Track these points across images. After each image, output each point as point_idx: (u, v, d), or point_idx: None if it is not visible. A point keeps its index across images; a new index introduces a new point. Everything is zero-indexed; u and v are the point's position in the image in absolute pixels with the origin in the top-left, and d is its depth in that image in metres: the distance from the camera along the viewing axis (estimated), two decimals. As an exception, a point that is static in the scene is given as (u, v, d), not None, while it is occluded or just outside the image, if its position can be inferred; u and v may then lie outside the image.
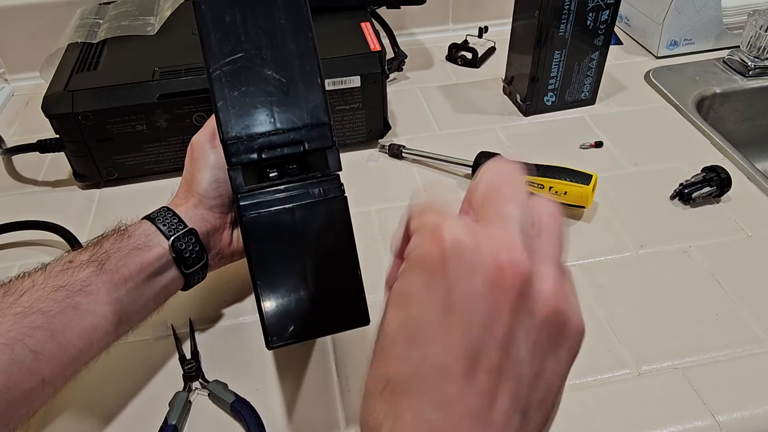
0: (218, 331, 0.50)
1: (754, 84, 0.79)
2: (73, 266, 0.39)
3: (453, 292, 0.21)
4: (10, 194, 0.66)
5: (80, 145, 0.62)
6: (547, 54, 0.69)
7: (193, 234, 0.44)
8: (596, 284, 0.53)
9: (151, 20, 0.73)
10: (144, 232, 0.43)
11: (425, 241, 0.22)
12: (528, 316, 0.22)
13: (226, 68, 0.36)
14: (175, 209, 0.45)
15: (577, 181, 0.57)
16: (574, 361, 0.24)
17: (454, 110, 0.76)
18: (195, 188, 0.45)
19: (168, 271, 0.43)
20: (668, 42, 0.83)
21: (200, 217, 0.45)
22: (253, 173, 0.37)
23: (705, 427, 0.42)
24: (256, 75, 0.37)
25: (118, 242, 0.42)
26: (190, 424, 0.44)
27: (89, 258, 0.40)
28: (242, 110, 0.36)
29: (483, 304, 0.21)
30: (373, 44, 0.66)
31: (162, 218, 0.44)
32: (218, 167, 0.44)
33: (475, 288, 0.21)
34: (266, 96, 0.36)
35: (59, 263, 0.40)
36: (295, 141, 0.36)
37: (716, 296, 0.51)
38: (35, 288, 0.37)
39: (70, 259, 0.40)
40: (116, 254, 0.41)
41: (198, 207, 0.45)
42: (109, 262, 0.40)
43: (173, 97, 0.61)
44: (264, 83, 0.37)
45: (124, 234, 0.42)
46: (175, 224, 0.43)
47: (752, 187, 0.62)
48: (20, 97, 0.83)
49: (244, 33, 0.37)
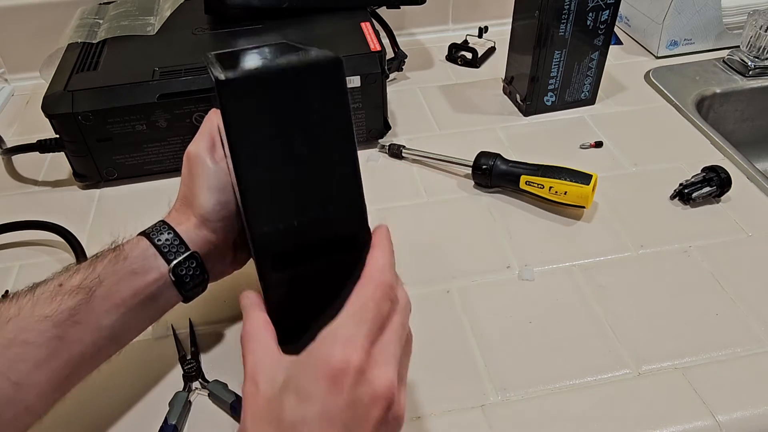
0: (218, 331, 0.50)
1: (754, 84, 0.79)
2: (62, 292, 0.37)
3: (345, 406, 0.29)
4: (10, 194, 0.66)
5: (80, 145, 0.62)
6: (547, 54, 0.69)
7: (195, 258, 0.42)
8: (596, 284, 0.53)
9: (151, 20, 0.73)
10: (141, 255, 0.40)
11: (351, 353, 0.29)
12: (386, 428, 0.30)
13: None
14: (176, 227, 0.42)
15: (577, 181, 0.57)
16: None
17: (454, 110, 0.76)
18: (197, 209, 0.42)
19: (165, 292, 0.41)
20: (668, 42, 0.83)
21: (203, 239, 0.42)
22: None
23: (705, 427, 0.42)
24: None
25: (112, 265, 0.39)
26: (190, 424, 0.44)
27: (79, 284, 0.38)
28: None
29: (360, 419, 0.29)
30: (373, 44, 0.66)
31: (162, 238, 0.41)
32: (221, 188, 0.42)
33: (359, 406, 0.29)
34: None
35: (48, 287, 0.38)
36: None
37: (716, 296, 0.51)
38: (21, 317, 0.36)
39: (60, 282, 0.38)
40: (110, 278, 0.39)
41: (200, 228, 0.42)
42: (101, 288, 0.38)
43: (173, 97, 0.61)
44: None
45: (120, 255, 0.40)
46: (176, 246, 0.41)
47: (752, 187, 0.63)
48: (20, 97, 0.83)
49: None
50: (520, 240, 0.57)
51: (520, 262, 0.55)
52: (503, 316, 0.50)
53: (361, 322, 0.30)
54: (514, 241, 0.57)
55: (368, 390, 0.29)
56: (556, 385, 0.45)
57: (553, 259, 0.55)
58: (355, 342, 0.29)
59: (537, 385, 0.45)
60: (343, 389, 0.28)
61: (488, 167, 0.61)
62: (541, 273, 0.54)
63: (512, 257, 0.56)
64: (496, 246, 0.57)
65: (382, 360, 0.30)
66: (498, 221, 0.60)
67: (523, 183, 0.60)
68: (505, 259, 0.55)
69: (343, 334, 0.30)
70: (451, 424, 0.43)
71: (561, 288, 0.53)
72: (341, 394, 0.28)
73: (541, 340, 0.48)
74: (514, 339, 0.48)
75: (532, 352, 0.47)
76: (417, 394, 0.45)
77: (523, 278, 0.54)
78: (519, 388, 0.45)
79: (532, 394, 0.45)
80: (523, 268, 0.54)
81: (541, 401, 0.44)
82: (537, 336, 0.49)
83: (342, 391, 0.28)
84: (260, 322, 0.35)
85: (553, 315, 0.50)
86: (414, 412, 0.44)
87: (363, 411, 0.29)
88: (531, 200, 0.61)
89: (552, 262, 0.55)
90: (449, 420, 0.43)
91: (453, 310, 0.51)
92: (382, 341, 0.31)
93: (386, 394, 0.29)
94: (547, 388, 0.45)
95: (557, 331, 0.49)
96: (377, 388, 0.29)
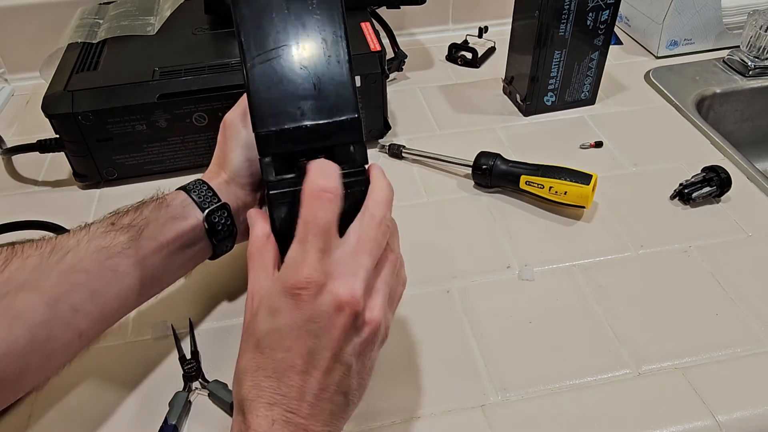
0: (218, 331, 0.50)
1: (754, 84, 0.79)
2: (115, 229, 0.41)
3: (309, 316, 0.32)
4: (10, 194, 0.66)
5: (80, 145, 0.62)
6: (547, 54, 0.69)
7: (226, 208, 0.46)
8: (596, 284, 0.53)
9: (151, 20, 0.73)
10: (180, 203, 0.44)
11: (303, 270, 0.32)
12: (356, 334, 0.33)
13: (261, 61, 0.37)
14: (209, 182, 0.46)
15: (577, 181, 0.57)
16: (382, 346, 0.36)
17: (454, 110, 0.76)
18: (227, 166, 0.47)
19: (200, 241, 0.45)
20: (668, 42, 0.83)
21: (232, 194, 0.46)
22: (283, 162, 0.38)
23: (705, 427, 0.42)
24: (289, 69, 0.37)
25: (156, 210, 0.43)
26: (190, 424, 0.44)
27: (130, 222, 0.42)
28: (275, 104, 0.37)
29: (326, 327, 0.32)
30: (373, 44, 0.66)
31: (197, 191, 0.45)
32: (250, 147, 0.45)
33: (322, 316, 0.32)
34: (299, 90, 0.37)
35: (102, 224, 0.41)
36: (324, 134, 0.37)
37: (716, 296, 0.51)
38: (79, 247, 0.39)
39: (112, 221, 0.42)
40: (155, 222, 0.43)
41: (230, 184, 0.47)
42: (148, 229, 0.42)
43: (173, 97, 0.61)
44: (297, 77, 0.37)
45: (162, 203, 0.44)
46: (210, 197, 0.45)
47: (752, 187, 0.63)
48: (20, 97, 0.83)
49: (281, 26, 0.37)
50: (520, 240, 0.57)
51: (520, 262, 0.55)
52: (503, 316, 0.50)
53: (310, 240, 0.33)
54: (514, 241, 0.57)
55: (328, 299, 0.32)
56: (556, 385, 0.45)
57: (553, 259, 0.55)
58: (312, 261, 0.32)
59: (537, 385, 0.45)
60: (305, 300, 0.32)
61: (488, 167, 0.61)
62: (541, 273, 0.54)
63: (512, 257, 0.56)
64: (496, 246, 0.57)
65: (345, 272, 0.33)
66: (498, 221, 0.60)
67: (523, 183, 0.60)
68: (505, 259, 0.55)
69: (296, 252, 0.33)
70: (451, 424, 0.43)
71: (561, 288, 0.53)
72: (305, 304, 0.32)
73: (541, 340, 0.48)
74: (514, 339, 0.48)
75: (532, 352, 0.47)
76: (417, 394, 0.45)
77: (523, 278, 0.54)
78: (519, 388, 0.45)
79: (532, 394, 0.45)
80: (523, 268, 0.54)
81: (541, 401, 0.44)
82: (537, 336, 0.49)
83: (304, 302, 0.32)
84: (263, 236, 0.37)
85: (553, 315, 0.50)
86: (414, 412, 0.44)
87: (327, 319, 0.32)
88: (531, 200, 0.61)
89: (552, 262, 0.55)
90: (449, 420, 0.43)
91: (453, 310, 0.51)
92: (346, 257, 0.34)
93: (349, 302, 0.32)
94: (547, 388, 0.45)
95: (557, 331, 0.49)
96: (338, 296, 0.32)
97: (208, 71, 0.62)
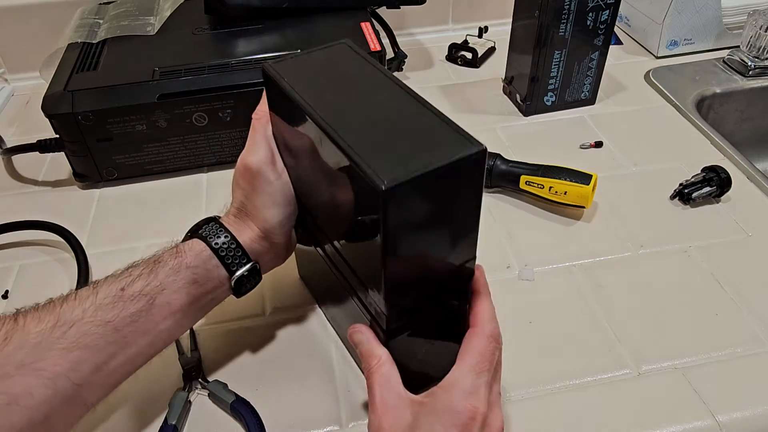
0: (218, 331, 0.50)
1: (754, 84, 0.79)
2: (124, 298, 0.38)
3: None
4: (10, 194, 0.66)
5: (80, 145, 0.62)
6: (547, 54, 0.69)
7: (256, 269, 0.43)
8: (596, 284, 0.53)
9: (151, 20, 0.73)
10: (203, 264, 0.41)
11: (476, 401, 0.34)
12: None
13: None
14: (237, 237, 0.42)
15: (577, 181, 0.57)
16: None
17: (454, 110, 0.76)
18: (262, 223, 0.43)
19: (220, 295, 0.43)
20: (668, 42, 0.83)
21: (265, 249, 0.44)
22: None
23: (705, 427, 0.42)
24: None
25: (173, 273, 0.40)
26: (190, 424, 0.44)
27: (141, 290, 0.39)
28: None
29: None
30: (373, 44, 0.66)
31: (219, 242, 0.42)
32: (287, 203, 0.42)
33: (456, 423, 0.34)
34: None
35: (111, 288, 0.39)
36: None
37: (716, 296, 0.51)
38: (84, 320, 0.37)
39: (122, 286, 0.39)
40: (170, 287, 0.40)
41: (263, 240, 0.43)
42: (162, 296, 0.39)
43: (173, 97, 0.61)
44: None
45: (182, 263, 0.41)
46: (238, 257, 0.42)
47: (752, 187, 0.63)
48: (20, 97, 0.83)
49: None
50: (520, 240, 0.57)
51: (520, 262, 0.55)
52: (503, 316, 0.50)
53: (481, 372, 0.35)
54: (514, 241, 0.57)
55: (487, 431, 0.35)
56: (556, 385, 0.45)
57: (553, 259, 0.55)
58: (479, 392, 0.35)
59: (537, 385, 0.45)
60: (470, 429, 0.34)
61: (488, 167, 0.61)
62: (541, 273, 0.54)
63: (512, 257, 0.56)
64: (496, 246, 0.57)
65: (495, 403, 0.36)
66: (498, 221, 0.60)
67: (523, 183, 0.60)
68: (505, 259, 0.55)
69: (468, 384, 0.35)
70: (451, 424, 0.43)
71: (561, 288, 0.53)
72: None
73: (541, 340, 0.48)
74: (514, 339, 0.48)
75: (532, 352, 0.47)
76: (417, 394, 0.45)
77: (523, 278, 0.54)
78: (519, 388, 0.45)
79: (532, 394, 0.45)
80: (523, 268, 0.54)
81: (541, 401, 0.44)
82: (537, 336, 0.49)
83: (469, 430, 0.34)
84: (388, 358, 0.38)
85: (553, 315, 0.50)
86: (414, 412, 0.44)
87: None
88: (531, 200, 0.61)
89: (552, 262, 0.55)
90: (449, 420, 0.43)
91: (453, 310, 0.51)
92: (494, 386, 0.37)
93: (499, 430, 0.35)
94: (547, 388, 0.45)
95: (557, 331, 0.49)
96: (494, 429, 0.35)
97: (208, 71, 0.62)
